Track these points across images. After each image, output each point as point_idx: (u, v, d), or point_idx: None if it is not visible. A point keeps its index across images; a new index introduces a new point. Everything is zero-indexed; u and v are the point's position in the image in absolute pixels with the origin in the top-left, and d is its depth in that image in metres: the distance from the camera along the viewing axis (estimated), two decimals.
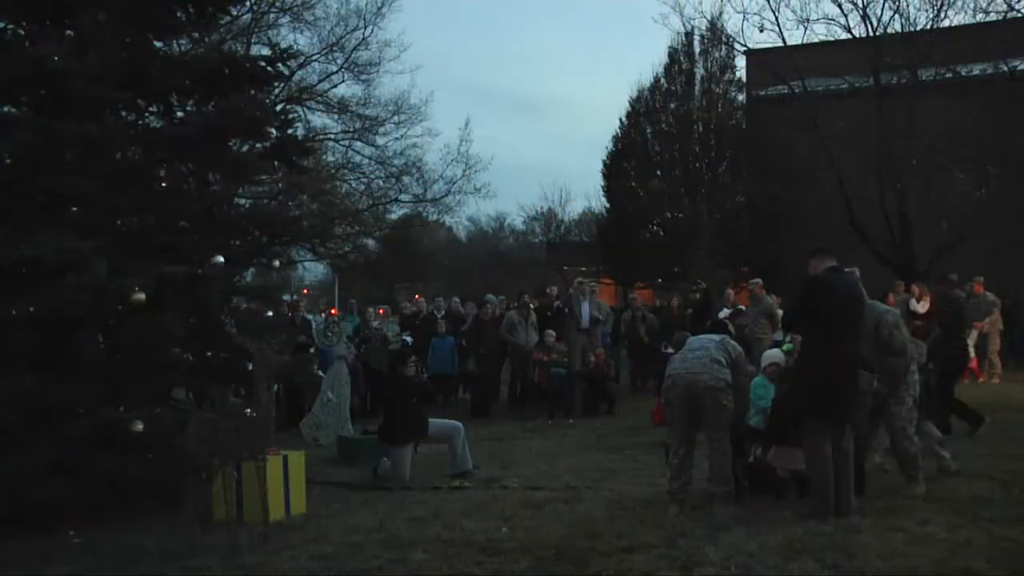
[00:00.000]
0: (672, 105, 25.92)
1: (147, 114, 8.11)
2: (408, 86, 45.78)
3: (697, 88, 25.70)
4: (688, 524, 5.97)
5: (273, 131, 7.98)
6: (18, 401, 6.45)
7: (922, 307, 14.50)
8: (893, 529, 5.68)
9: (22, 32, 7.41)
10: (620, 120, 26.85)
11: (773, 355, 7.82)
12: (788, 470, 6.71)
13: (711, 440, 6.43)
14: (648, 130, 26.44)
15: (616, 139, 27.00)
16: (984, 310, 14.36)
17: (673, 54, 25.97)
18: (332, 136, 24.42)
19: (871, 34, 20.70)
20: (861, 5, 20.62)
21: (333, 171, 24.83)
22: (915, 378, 7.07)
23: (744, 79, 25.90)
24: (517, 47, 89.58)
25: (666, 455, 7.36)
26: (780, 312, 14.53)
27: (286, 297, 13.78)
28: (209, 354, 7.51)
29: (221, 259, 7.49)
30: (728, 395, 6.37)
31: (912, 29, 20.26)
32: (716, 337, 6.74)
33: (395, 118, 24.29)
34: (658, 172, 25.80)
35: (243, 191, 15.30)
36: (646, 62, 77.07)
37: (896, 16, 20.57)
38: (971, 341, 14.22)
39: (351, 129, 24.31)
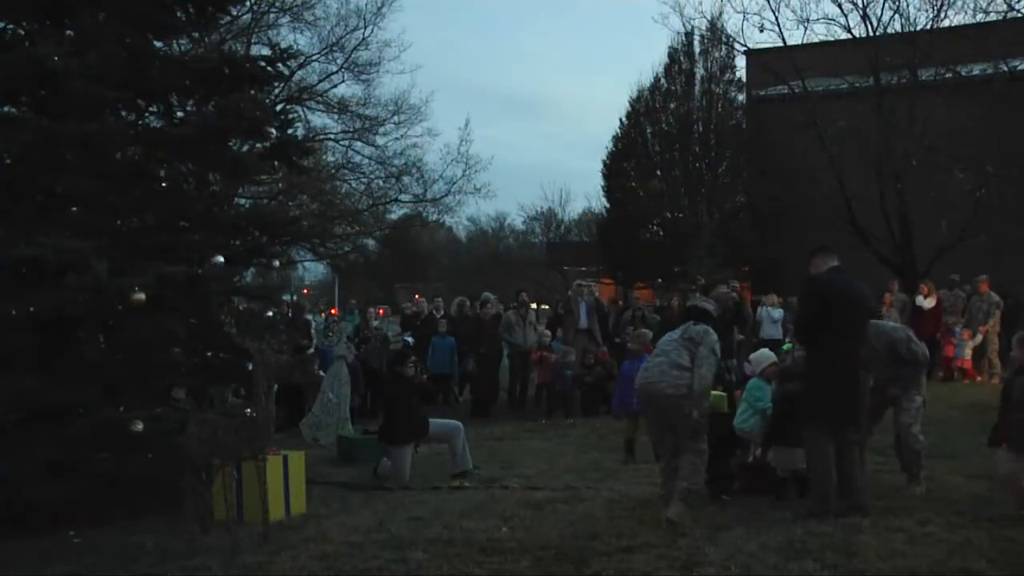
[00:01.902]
0: (672, 105, 25.95)
1: (147, 114, 8.12)
2: (408, 86, 45.89)
3: (697, 88, 25.74)
4: (688, 524, 5.96)
5: (273, 131, 7.98)
6: (18, 401, 6.45)
7: (928, 303, 14.51)
8: (893, 529, 5.68)
9: (22, 32, 7.40)
10: (620, 120, 26.90)
11: (768, 356, 7.74)
12: (788, 470, 6.71)
13: (683, 446, 6.08)
14: (648, 130, 26.46)
15: (616, 139, 27.02)
16: (987, 310, 14.37)
17: (673, 54, 26.01)
18: (332, 136, 24.46)
19: (871, 34, 20.70)
20: (861, 5, 20.63)
21: (333, 171, 24.85)
22: (923, 378, 7.11)
23: (744, 79, 25.93)
24: (517, 47, 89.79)
25: (626, 452, 8.24)
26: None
27: (287, 297, 13.77)
28: (209, 354, 7.51)
29: (221, 259, 7.50)
30: (690, 400, 5.97)
31: (912, 29, 20.27)
32: (675, 335, 6.31)
33: (395, 118, 24.35)
34: (658, 172, 25.83)
35: (243, 191, 15.33)
36: (646, 62, 77.24)
37: (896, 16, 20.59)
38: (974, 342, 14.26)
39: (351, 129, 24.35)
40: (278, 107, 11.03)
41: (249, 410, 6.16)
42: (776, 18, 23.83)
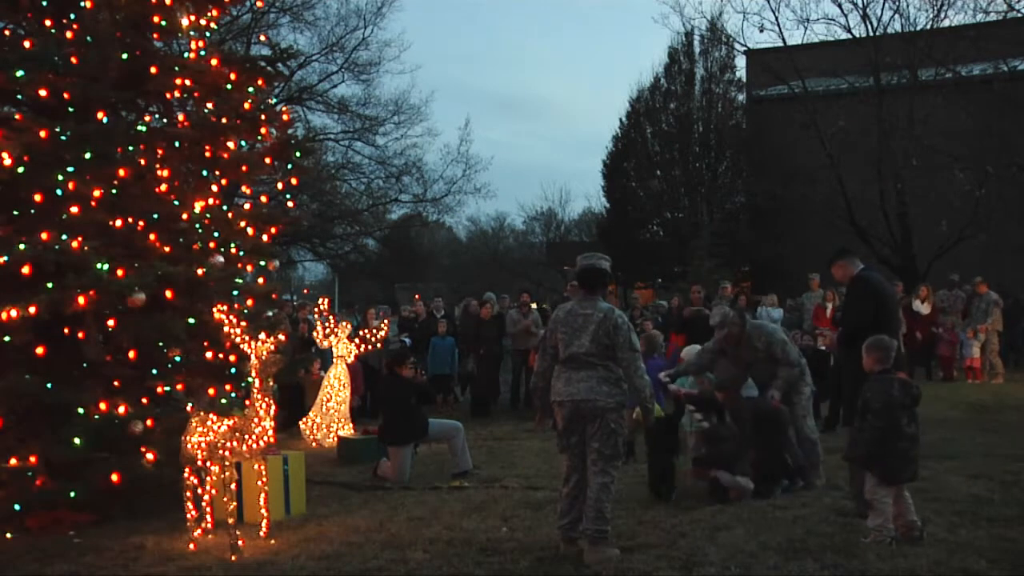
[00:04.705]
0: (672, 105, 25.99)
1: (147, 114, 8.11)
2: (408, 86, 45.89)
3: (697, 88, 25.78)
4: (687, 525, 5.96)
5: (273, 131, 7.97)
6: (18, 401, 6.45)
7: (924, 309, 14.51)
8: None
9: (22, 32, 7.40)
10: (620, 120, 26.96)
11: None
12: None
13: (595, 470, 5.45)
14: (648, 130, 26.49)
15: (616, 139, 27.05)
16: (987, 309, 14.38)
17: (673, 54, 26.06)
18: (332, 136, 24.50)
19: (871, 34, 20.76)
20: (861, 5, 20.72)
21: (333, 171, 24.88)
22: (807, 372, 7.39)
23: (744, 79, 25.97)
24: (517, 47, 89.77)
25: (626, 452, 7.47)
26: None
27: (287, 297, 13.75)
28: (209, 354, 7.51)
29: (221, 259, 7.50)
30: (619, 415, 5.46)
31: (912, 29, 20.31)
32: (585, 340, 5.43)
33: (395, 118, 24.46)
34: (658, 172, 25.86)
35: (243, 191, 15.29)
36: (646, 62, 77.38)
37: (896, 16, 20.68)
38: (979, 341, 14.27)
39: (351, 129, 24.42)
40: (278, 107, 11.03)
41: (249, 410, 6.16)
42: (776, 18, 24.06)
